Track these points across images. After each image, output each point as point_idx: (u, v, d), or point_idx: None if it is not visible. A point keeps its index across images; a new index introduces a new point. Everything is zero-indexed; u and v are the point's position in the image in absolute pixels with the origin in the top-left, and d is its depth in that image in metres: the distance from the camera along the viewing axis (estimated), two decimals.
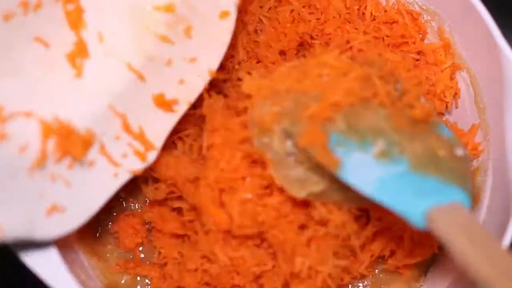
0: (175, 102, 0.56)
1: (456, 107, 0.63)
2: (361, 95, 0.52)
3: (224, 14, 0.56)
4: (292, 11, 0.63)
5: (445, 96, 0.62)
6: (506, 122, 0.56)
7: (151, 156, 0.55)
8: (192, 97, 0.56)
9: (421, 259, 0.59)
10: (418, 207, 0.47)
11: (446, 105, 0.63)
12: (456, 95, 0.63)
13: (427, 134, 0.52)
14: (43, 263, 0.52)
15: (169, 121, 0.56)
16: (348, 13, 0.62)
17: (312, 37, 0.63)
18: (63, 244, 0.55)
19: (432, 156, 0.51)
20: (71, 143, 0.50)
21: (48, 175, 0.50)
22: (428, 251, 0.59)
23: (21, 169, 0.49)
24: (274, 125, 0.52)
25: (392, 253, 0.60)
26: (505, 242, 0.52)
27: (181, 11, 0.56)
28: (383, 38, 0.63)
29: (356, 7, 0.63)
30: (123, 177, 0.54)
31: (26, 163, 0.49)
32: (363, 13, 0.63)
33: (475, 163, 0.61)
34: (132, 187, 0.62)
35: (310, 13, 0.63)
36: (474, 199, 0.60)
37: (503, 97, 0.56)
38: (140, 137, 0.54)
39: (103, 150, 0.53)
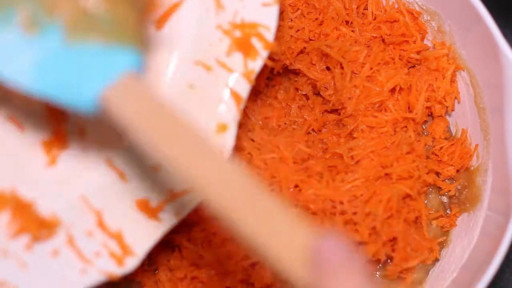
0: (160, 209, 0.50)
1: (454, 110, 0.63)
2: None
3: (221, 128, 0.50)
4: None
5: (445, 101, 0.62)
6: (506, 122, 0.56)
7: (131, 264, 0.49)
8: (182, 212, 0.50)
9: (419, 261, 0.59)
10: (87, 93, 0.41)
11: (446, 109, 0.63)
12: (456, 98, 0.62)
13: None
14: None
15: (153, 230, 0.49)
16: (347, 13, 0.62)
17: (310, 39, 0.63)
18: None
19: (86, 10, 0.41)
20: (26, 220, 0.47)
21: None
22: (426, 252, 0.58)
23: None
24: None
25: (390, 259, 0.59)
26: (505, 243, 0.52)
27: None
28: (382, 37, 0.62)
29: (355, 6, 0.63)
30: (93, 277, 0.48)
31: None
32: (363, 13, 0.63)
33: (475, 163, 0.61)
34: None
35: (308, 12, 0.63)
36: (473, 199, 0.60)
37: (503, 97, 0.56)
38: (117, 237, 0.49)
39: (71, 241, 0.48)
